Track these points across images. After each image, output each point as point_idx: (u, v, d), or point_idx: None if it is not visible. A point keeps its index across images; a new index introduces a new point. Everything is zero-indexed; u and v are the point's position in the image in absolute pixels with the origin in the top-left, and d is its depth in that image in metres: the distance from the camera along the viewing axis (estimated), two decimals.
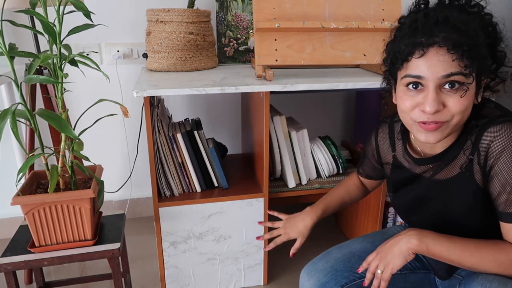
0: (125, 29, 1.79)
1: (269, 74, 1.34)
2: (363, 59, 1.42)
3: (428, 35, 0.74)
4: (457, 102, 0.75)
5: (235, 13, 1.75)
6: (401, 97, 0.81)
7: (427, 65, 0.75)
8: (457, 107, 0.76)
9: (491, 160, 0.79)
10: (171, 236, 1.43)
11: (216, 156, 1.46)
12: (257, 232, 1.51)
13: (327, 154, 1.62)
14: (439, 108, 0.76)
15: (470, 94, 0.76)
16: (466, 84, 0.75)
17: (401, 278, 1.05)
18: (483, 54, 0.75)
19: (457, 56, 0.73)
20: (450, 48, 0.73)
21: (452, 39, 0.72)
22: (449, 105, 0.76)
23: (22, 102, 1.03)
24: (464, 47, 0.72)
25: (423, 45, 0.74)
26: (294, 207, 2.19)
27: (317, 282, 1.01)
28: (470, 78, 0.74)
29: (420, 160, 0.93)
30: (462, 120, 0.79)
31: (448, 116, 0.77)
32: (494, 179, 0.80)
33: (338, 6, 1.41)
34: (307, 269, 1.06)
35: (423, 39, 0.74)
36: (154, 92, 1.25)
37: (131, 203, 2.05)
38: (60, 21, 1.02)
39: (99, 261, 1.70)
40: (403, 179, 0.98)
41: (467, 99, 0.76)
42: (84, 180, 1.20)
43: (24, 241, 1.13)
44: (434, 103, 0.75)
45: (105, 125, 1.60)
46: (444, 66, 0.74)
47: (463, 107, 0.76)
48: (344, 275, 1.01)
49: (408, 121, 0.82)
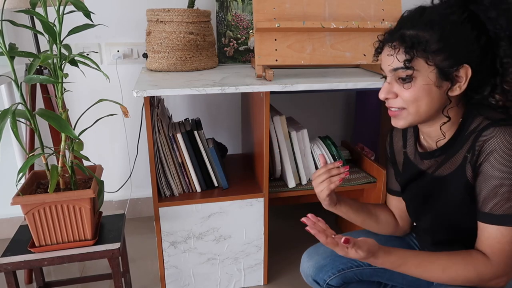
0: (125, 29, 1.79)
1: (269, 74, 1.35)
2: (363, 59, 1.42)
3: (388, 34, 0.85)
4: (404, 91, 0.83)
5: (235, 13, 1.75)
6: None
7: (383, 60, 0.87)
8: (404, 96, 0.83)
9: (482, 158, 0.80)
10: (171, 236, 1.43)
11: (216, 156, 1.46)
12: (257, 232, 1.51)
13: (327, 154, 1.62)
14: (387, 95, 0.86)
15: (420, 85, 0.81)
16: (409, 77, 0.81)
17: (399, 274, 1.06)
18: (436, 50, 0.78)
19: (399, 52, 0.81)
20: (395, 44, 0.82)
21: (398, 36, 0.81)
22: (399, 94, 0.84)
23: (22, 102, 1.03)
24: (407, 43, 0.80)
25: (382, 42, 0.87)
26: (294, 207, 2.20)
27: (316, 264, 1.05)
28: (409, 71, 0.80)
29: (423, 154, 0.94)
30: (421, 109, 0.83)
31: (400, 103, 0.84)
32: (479, 177, 0.81)
33: (338, 6, 1.41)
34: (308, 251, 1.10)
35: (385, 35, 0.86)
36: (154, 92, 1.25)
37: (131, 203, 2.05)
38: (60, 21, 1.02)
39: (99, 261, 1.70)
40: (410, 176, 0.99)
41: (414, 90, 0.82)
42: (84, 180, 1.20)
43: (24, 241, 1.13)
44: (383, 91, 0.86)
45: (105, 125, 1.60)
46: (389, 61, 0.84)
47: (411, 97, 0.82)
48: (342, 261, 1.04)
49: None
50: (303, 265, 1.08)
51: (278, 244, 1.87)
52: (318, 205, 1.06)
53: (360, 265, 1.05)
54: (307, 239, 1.12)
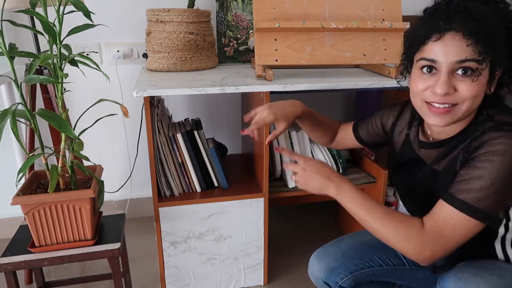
0: (125, 29, 1.79)
1: (269, 74, 1.35)
2: (363, 59, 1.42)
3: (447, 20, 0.77)
4: (469, 87, 0.77)
5: (235, 13, 1.75)
6: (415, 80, 0.84)
7: (442, 49, 0.77)
8: (467, 92, 0.77)
9: (474, 154, 0.80)
10: (171, 236, 1.43)
11: (216, 156, 1.46)
12: (257, 232, 1.51)
13: (327, 154, 1.62)
14: (449, 91, 0.78)
15: (482, 81, 0.78)
16: (479, 70, 0.76)
17: (409, 273, 1.06)
18: (498, 45, 0.76)
19: (472, 42, 0.75)
20: (466, 33, 0.75)
21: (468, 26, 0.75)
22: (460, 89, 0.78)
23: (22, 102, 1.03)
24: (479, 33, 0.74)
25: (440, 29, 0.77)
26: (294, 207, 2.20)
27: (327, 266, 1.03)
28: (484, 64, 0.76)
29: (424, 143, 0.94)
30: (472, 107, 0.80)
31: (458, 99, 0.79)
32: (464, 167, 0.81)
33: (338, 6, 1.41)
34: (317, 253, 1.08)
35: (441, 23, 0.77)
36: (154, 92, 1.25)
37: (131, 203, 2.05)
38: (60, 21, 1.02)
39: (99, 261, 1.70)
40: (406, 160, 0.99)
41: (478, 85, 0.77)
42: (84, 180, 1.20)
43: (24, 241, 1.13)
44: (445, 86, 0.77)
45: (105, 125, 1.59)
46: (458, 51, 0.76)
47: (474, 93, 0.78)
48: (354, 262, 1.03)
49: (418, 102, 0.85)
50: (313, 268, 1.06)
51: (278, 244, 1.87)
52: (318, 205, 1.06)
53: (372, 266, 1.04)
54: (307, 239, 1.12)
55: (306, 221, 2.07)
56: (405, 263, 1.06)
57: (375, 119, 1.15)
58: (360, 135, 1.19)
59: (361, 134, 1.19)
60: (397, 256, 1.06)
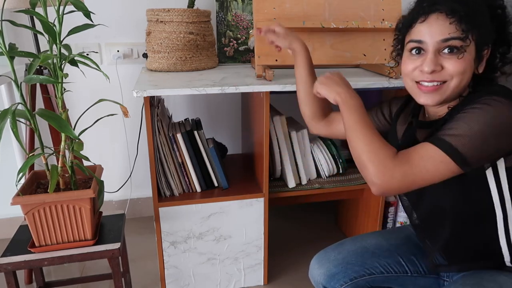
0: (125, 29, 1.79)
1: (269, 74, 1.35)
2: (363, 59, 1.42)
3: (431, 2, 0.81)
4: (455, 63, 0.80)
5: (235, 13, 1.75)
6: (405, 61, 0.88)
7: (427, 29, 0.81)
8: (454, 68, 0.80)
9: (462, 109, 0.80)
10: (171, 236, 1.43)
11: (216, 156, 1.46)
12: (257, 232, 1.51)
13: (327, 154, 1.62)
14: (436, 68, 0.81)
15: (468, 58, 0.80)
16: (463, 47, 0.79)
17: (411, 280, 1.05)
18: (482, 23, 0.79)
19: (455, 20, 0.78)
20: (448, 12, 0.78)
21: (450, 5, 0.78)
22: (446, 66, 0.81)
23: (22, 102, 1.03)
24: (461, 12, 0.77)
25: (424, 11, 0.81)
26: (294, 207, 2.20)
27: (327, 272, 1.02)
28: (467, 41, 0.78)
29: (421, 123, 0.95)
30: (461, 84, 0.82)
31: (446, 76, 0.81)
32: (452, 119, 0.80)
33: (338, 6, 1.41)
34: (318, 257, 1.07)
35: (425, 5, 0.81)
36: (154, 92, 1.25)
37: (131, 203, 2.05)
38: (60, 21, 1.02)
39: (99, 261, 1.70)
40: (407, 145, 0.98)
41: (464, 61, 0.80)
42: (84, 180, 1.20)
43: (24, 241, 1.13)
44: (431, 63, 0.81)
45: (105, 125, 1.60)
46: (442, 30, 0.79)
47: (461, 69, 0.80)
48: (354, 269, 1.02)
49: (409, 83, 0.88)
50: (313, 272, 1.06)
51: (278, 244, 1.87)
52: (318, 205, 1.06)
53: (373, 273, 1.03)
54: (307, 239, 1.12)
55: (306, 221, 2.07)
56: (406, 270, 1.05)
57: (382, 108, 1.13)
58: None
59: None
60: (399, 263, 1.04)
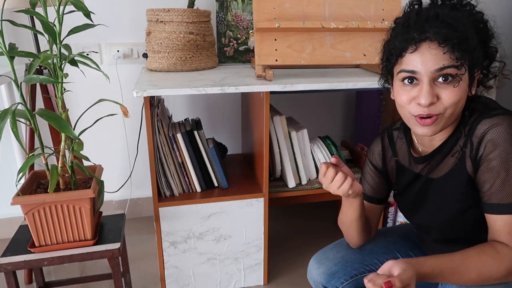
0: (125, 29, 1.79)
1: (269, 74, 1.34)
2: (363, 59, 1.42)
3: (420, 30, 0.78)
4: (451, 93, 0.78)
5: (235, 13, 1.75)
6: (398, 92, 0.84)
7: (420, 59, 0.78)
8: (450, 99, 0.78)
9: (482, 150, 0.80)
10: (171, 236, 1.43)
11: (216, 156, 1.46)
12: (257, 232, 1.51)
13: (327, 154, 1.62)
14: (433, 100, 0.78)
15: (463, 86, 0.79)
16: (459, 75, 0.77)
17: None
18: (474, 47, 0.78)
19: (448, 49, 0.76)
20: (441, 41, 0.76)
21: (442, 33, 0.76)
22: (442, 97, 0.78)
23: (22, 102, 1.03)
24: (454, 40, 0.75)
25: (415, 40, 0.78)
26: (294, 207, 2.20)
27: (327, 270, 1.01)
28: (463, 69, 0.77)
29: (419, 159, 0.94)
30: (456, 112, 0.81)
31: (441, 109, 0.79)
32: (481, 169, 0.81)
33: (338, 6, 1.41)
34: (317, 256, 1.06)
35: (415, 34, 0.78)
36: (154, 92, 1.25)
37: (131, 203, 2.05)
38: (60, 21, 1.02)
39: (99, 261, 1.70)
40: (406, 180, 0.99)
41: (460, 90, 0.78)
42: (84, 180, 1.20)
43: (24, 241, 1.13)
44: (429, 96, 0.77)
45: (105, 125, 1.59)
46: (436, 59, 0.77)
47: (456, 99, 0.78)
48: (354, 267, 1.01)
49: (406, 114, 0.85)
50: (312, 272, 1.04)
51: (278, 244, 1.87)
52: (318, 205, 1.05)
53: (372, 270, 1.03)
54: (307, 239, 1.11)
55: (306, 221, 2.07)
56: None
57: (366, 169, 1.07)
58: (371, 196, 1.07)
59: (369, 194, 1.07)
60: (397, 258, 1.05)
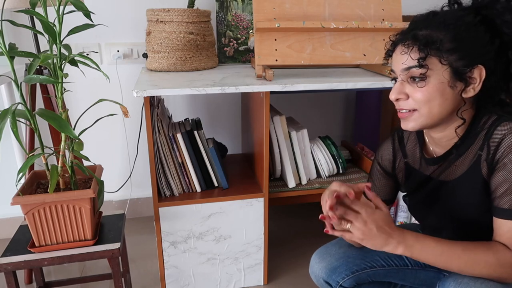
0: (125, 29, 1.79)
1: (269, 74, 1.34)
2: (363, 59, 1.42)
3: (399, 34, 0.85)
4: (416, 92, 0.82)
5: (235, 13, 1.75)
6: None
7: (394, 60, 0.85)
8: (417, 97, 0.82)
9: (499, 154, 0.80)
10: (171, 236, 1.43)
11: (216, 156, 1.46)
12: (257, 232, 1.51)
13: (327, 154, 1.62)
14: (399, 96, 0.84)
15: (434, 85, 0.80)
16: (423, 75, 0.80)
17: (411, 274, 1.06)
18: (442, 47, 0.78)
19: (414, 50, 0.80)
20: (410, 43, 0.81)
21: (411, 35, 0.81)
22: (410, 95, 0.83)
23: (22, 102, 1.03)
24: (422, 40, 0.79)
25: (395, 42, 0.85)
26: (294, 207, 2.20)
27: (328, 265, 1.02)
28: (424, 69, 0.79)
29: (431, 160, 0.94)
30: (433, 111, 0.82)
31: (412, 105, 0.83)
32: (496, 173, 0.80)
33: (338, 6, 1.41)
34: (319, 252, 1.07)
35: (397, 35, 0.85)
36: (154, 92, 1.25)
37: (131, 203, 2.05)
38: (60, 21, 1.02)
39: (99, 261, 1.70)
40: (416, 182, 0.99)
41: (426, 90, 0.80)
42: (84, 180, 1.20)
43: (24, 241, 1.13)
44: (394, 91, 0.84)
45: (105, 125, 1.60)
46: (402, 60, 0.82)
47: (423, 97, 0.81)
48: (356, 262, 1.02)
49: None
50: (314, 267, 1.05)
51: (278, 244, 1.87)
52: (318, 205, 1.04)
53: (374, 266, 1.04)
54: (307, 239, 1.12)
55: (306, 221, 2.07)
56: (407, 264, 1.06)
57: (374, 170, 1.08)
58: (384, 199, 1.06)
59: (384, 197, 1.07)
60: (399, 256, 1.05)
